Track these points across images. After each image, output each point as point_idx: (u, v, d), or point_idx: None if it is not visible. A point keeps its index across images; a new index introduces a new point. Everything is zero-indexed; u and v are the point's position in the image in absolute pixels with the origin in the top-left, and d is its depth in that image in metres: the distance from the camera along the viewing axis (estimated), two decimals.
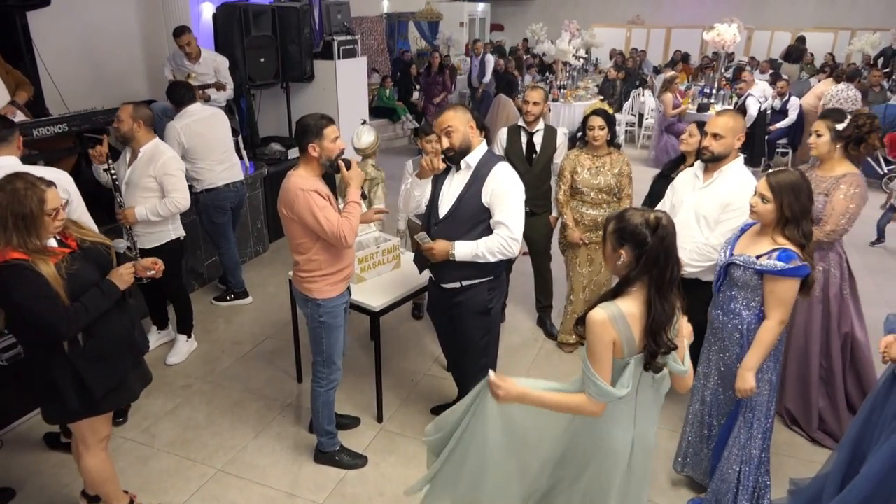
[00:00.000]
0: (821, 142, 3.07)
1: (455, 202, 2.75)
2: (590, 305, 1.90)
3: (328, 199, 2.71)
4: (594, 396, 1.87)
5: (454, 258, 2.71)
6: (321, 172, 2.76)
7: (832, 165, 3.09)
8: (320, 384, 3.01)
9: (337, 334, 2.96)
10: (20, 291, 2.15)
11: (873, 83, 9.36)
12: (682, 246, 3.04)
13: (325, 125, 2.68)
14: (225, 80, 5.47)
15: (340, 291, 2.91)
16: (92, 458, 2.54)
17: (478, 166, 2.72)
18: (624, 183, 3.81)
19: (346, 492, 3.00)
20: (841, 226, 2.98)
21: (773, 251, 2.40)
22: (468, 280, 2.79)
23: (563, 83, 10.75)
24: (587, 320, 1.84)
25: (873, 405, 2.33)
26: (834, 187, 3.00)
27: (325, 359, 2.97)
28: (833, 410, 3.26)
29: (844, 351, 3.20)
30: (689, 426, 2.86)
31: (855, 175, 2.99)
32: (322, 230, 2.65)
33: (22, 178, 2.19)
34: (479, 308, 2.84)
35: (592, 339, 1.83)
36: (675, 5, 16.32)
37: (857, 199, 2.96)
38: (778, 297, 2.41)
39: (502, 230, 2.67)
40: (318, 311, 2.88)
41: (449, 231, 2.75)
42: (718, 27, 9.44)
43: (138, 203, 3.59)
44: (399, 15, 13.63)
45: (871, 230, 6.49)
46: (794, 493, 2.79)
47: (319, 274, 2.82)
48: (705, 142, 3.00)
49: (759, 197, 2.44)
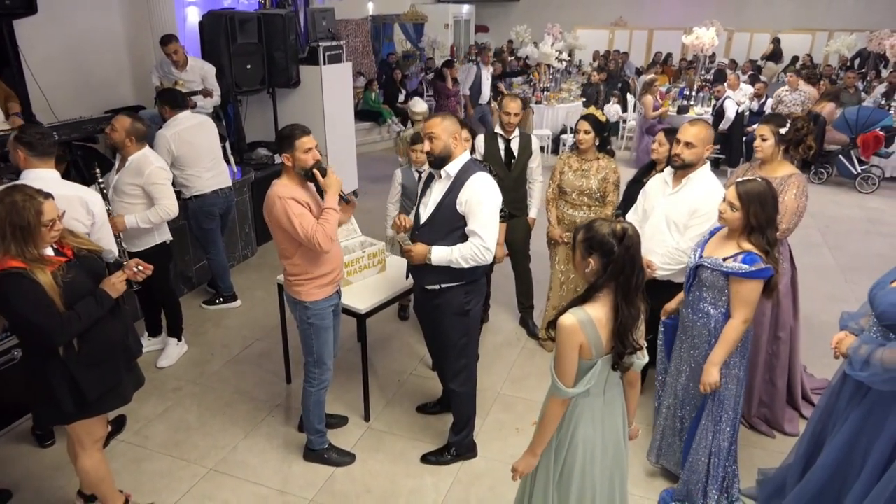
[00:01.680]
0: (766, 145, 3.24)
1: (434, 209, 2.86)
2: (559, 311, 2.04)
3: (307, 206, 2.80)
4: (554, 393, 2.04)
5: (430, 262, 2.82)
6: (302, 182, 2.88)
7: (774, 167, 3.25)
8: (311, 384, 3.11)
9: (326, 336, 3.06)
10: (17, 299, 2.24)
11: (848, 85, 9.60)
12: (653, 250, 3.20)
13: (298, 137, 2.78)
14: (212, 87, 5.54)
15: (328, 294, 3.01)
16: (88, 459, 2.63)
17: (457, 175, 2.81)
18: (608, 189, 3.92)
19: (336, 489, 3.11)
20: (793, 223, 3.14)
21: (738, 254, 2.54)
22: (446, 283, 2.89)
23: (547, 86, 10.89)
24: (557, 325, 1.98)
25: (829, 398, 2.48)
26: (783, 188, 3.14)
27: (316, 359, 3.08)
28: (772, 397, 3.44)
29: (793, 340, 3.40)
30: (664, 419, 3.00)
31: (800, 175, 3.18)
32: (298, 235, 2.76)
33: (20, 191, 2.28)
34: (457, 309, 2.94)
35: (561, 341, 1.97)
36: (657, 7, 16.54)
37: (804, 199, 3.14)
38: (742, 298, 2.55)
39: (475, 239, 2.78)
40: (306, 314, 2.99)
41: (428, 236, 2.87)
42: (697, 31, 9.63)
43: (122, 209, 3.67)
44: (384, 17, 13.70)
45: (846, 229, 6.71)
46: (762, 483, 2.94)
47: (305, 277, 2.93)
48: (677, 149, 3.12)
49: (727, 204, 2.56)
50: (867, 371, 2.15)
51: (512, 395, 3.76)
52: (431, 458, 3.27)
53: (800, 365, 3.56)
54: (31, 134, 2.97)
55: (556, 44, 11.17)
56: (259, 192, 5.84)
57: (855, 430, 2.27)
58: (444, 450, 3.29)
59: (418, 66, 13.27)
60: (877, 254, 6.12)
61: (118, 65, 6.38)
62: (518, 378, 3.98)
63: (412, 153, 4.17)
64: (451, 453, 3.27)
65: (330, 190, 2.84)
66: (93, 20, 6.03)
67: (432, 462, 3.26)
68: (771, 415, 3.46)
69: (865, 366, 2.16)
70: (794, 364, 3.49)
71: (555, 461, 2.15)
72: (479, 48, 14.04)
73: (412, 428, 3.53)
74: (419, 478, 3.17)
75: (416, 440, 3.44)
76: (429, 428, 3.53)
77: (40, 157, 2.98)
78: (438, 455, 3.28)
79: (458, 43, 16.22)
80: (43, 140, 2.97)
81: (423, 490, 3.10)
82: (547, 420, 2.09)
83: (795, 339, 3.46)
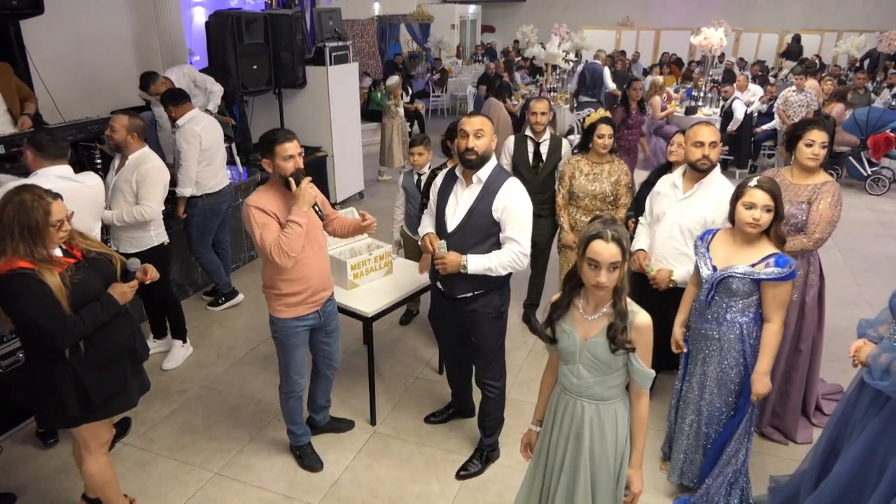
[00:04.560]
0: (824, 153, 3.01)
1: (465, 216, 2.76)
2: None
3: (275, 217, 2.68)
4: (646, 387, 2.09)
5: (465, 270, 2.73)
6: (282, 190, 2.73)
7: (808, 173, 3.10)
8: (281, 390, 3.10)
9: (292, 353, 2.95)
10: (24, 299, 2.22)
11: (857, 85, 9.52)
12: (665, 256, 3.14)
13: (278, 142, 2.64)
14: (210, 91, 5.63)
15: (296, 315, 2.87)
16: (93, 462, 2.61)
17: (488, 181, 2.73)
18: (621, 192, 3.88)
19: (341, 494, 3.08)
20: (827, 233, 3.01)
21: (769, 258, 2.47)
22: (479, 290, 2.82)
23: (554, 86, 10.84)
24: (643, 325, 2.01)
25: (846, 406, 2.43)
26: (816, 196, 3.01)
27: (282, 370, 3.03)
28: (785, 407, 3.37)
29: (815, 352, 3.33)
30: (686, 437, 2.88)
31: (834, 184, 3.03)
32: (256, 246, 2.69)
33: (29, 191, 2.26)
34: (493, 313, 2.88)
35: (649, 339, 2.04)
36: (663, 7, 16.46)
37: (839, 208, 3.01)
38: (780, 301, 2.49)
39: (513, 246, 2.70)
40: (273, 327, 2.93)
41: (458, 244, 2.77)
42: (705, 31, 9.56)
43: (119, 208, 3.66)
44: (390, 17, 13.70)
45: (857, 231, 6.64)
46: (774, 490, 2.89)
47: (274, 292, 2.84)
48: (704, 151, 2.98)
49: (761, 210, 2.45)
50: (888, 380, 2.10)
51: (520, 400, 3.72)
52: (464, 473, 3.18)
53: (818, 376, 3.47)
54: (41, 136, 3.02)
55: (563, 44, 11.12)
56: None
57: (873, 440, 2.22)
58: (475, 458, 3.22)
59: (424, 67, 13.26)
60: (888, 256, 6.06)
61: (124, 65, 6.38)
62: (526, 381, 3.94)
63: (411, 157, 4.16)
64: (481, 460, 3.21)
65: (299, 201, 2.65)
66: (99, 20, 6.03)
67: (468, 476, 3.17)
68: (783, 424, 3.40)
69: (886, 374, 2.11)
70: (813, 376, 3.40)
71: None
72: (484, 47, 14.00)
73: (419, 432, 3.50)
74: (426, 483, 3.14)
75: (422, 445, 3.40)
76: (436, 432, 3.49)
77: (51, 159, 3.01)
78: (471, 466, 3.20)
79: (465, 43, 16.20)
80: (53, 143, 3.03)
81: (430, 495, 3.07)
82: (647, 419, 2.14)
83: (818, 351, 3.36)
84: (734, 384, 2.67)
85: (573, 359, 2.09)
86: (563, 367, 2.15)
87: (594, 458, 2.13)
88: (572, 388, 2.13)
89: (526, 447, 2.40)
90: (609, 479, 2.14)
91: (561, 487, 2.19)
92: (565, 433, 2.17)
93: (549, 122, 4.19)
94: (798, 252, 3.02)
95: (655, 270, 3.15)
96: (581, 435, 2.13)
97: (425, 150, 4.14)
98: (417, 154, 4.12)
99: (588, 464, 2.13)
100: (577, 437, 2.14)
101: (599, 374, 2.07)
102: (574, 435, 2.15)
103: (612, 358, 2.02)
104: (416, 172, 4.18)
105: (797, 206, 3.02)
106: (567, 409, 2.16)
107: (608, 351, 2.00)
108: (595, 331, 2.04)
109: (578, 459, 2.14)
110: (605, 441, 2.11)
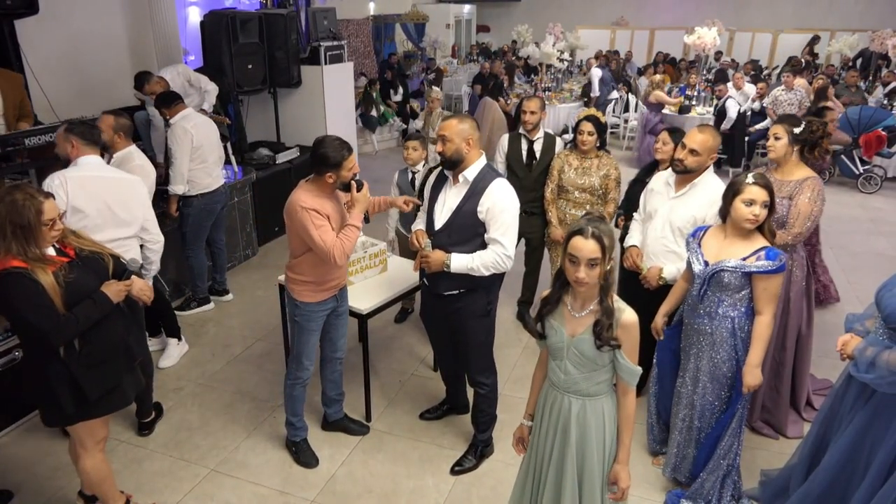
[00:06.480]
0: (779, 144, 3.13)
1: (451, 215, 2.80)
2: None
3: (327, 219, 2.77)
4: (632, 383, 2.08)
5: (449, 269, 2.76)
6: (331, 192, 2.85)
7: (790, 169, 3.16)
8: (288, 377, 3.16)
9: (308, 337, 3.06)
10: (17, 298, 2.23)
11: (849, 84, 9.58)
12: (655, 253, 3.17)
13: (346, 157, 2.74)
14: (205, 91, 5.61)
15: (322, 299, 3.00)
16: (90, 459, 2.62)
17: (475, 181, 2.76)
18: (610, 186, 3.93)
19: (337, 489, 3.10)
20: (806, 228, 3.05)
21: (759, 251, 2.51)
22: (464, 288, 2.85)
23: (548, 86, 10.88)
24: (630, 322, 2.02)
25: (834, 400, 2.47)
26: (797, 191, 3.07)
27: (295, 356, 3.11)
28: (776, 403, 3.40)
29: (799, 347, 3.36)
30: (678, 432, 2.91)
31: (816, 179, 3.09)
32: (315, 246, 2.75)
33: (21, 190, 2.28)
34: (479, 311, 2.91)
35: (636, 335, 2.05)
36: (658, 7, 16.52)
37: (820, 203, 3.06)
38: (771, 294, 2.53)
39: (497, 247, 2.73)
40: (295, 311, 3.02)
41: (444, 242, 2.80)
42: (699, 30, 9.62)
43: None
44: (385, 17, 13.70)
45: (848, 229, 6.70)
46: (765, 484, 2.93)
47: (302, 279, 2.94)
48: (680, 154, 3.03)
49: (760, 206, 2.48)
50: (873, 373, 2.14)
51: (513, 396, 3.75)
52: (459, 468, 3.21)
53: (808, 372, 3.50)
54: (78, 125, 3.20)
55: (558, 43, 11.15)
56: (261, 192, 5.84)
57: (859, 433, 2.25)
58: (470, 454, 3.25)
59: (419, 66, 13.26)
60: (879, 254, 6.11)
61: (119, 64, 6.38)
62: (520, 378, 3.97)
63: (405, 151, 4.18)
64: (475, 456, 3.23)
65: (358, 205, 2.82)
66: (94, 20, 6.04)
67: (462, 471, 3.20)
68: (773, 419, 3.43)
69: (871, 368, 2.15)
70: (803, 371, 3.43)
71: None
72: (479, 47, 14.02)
73: (413, 428, 3.53)
74: (420, 478, 3.16)
75: (417, 440, 3.43)
76: (430, 429, 3.52)
77: (93, 146, 3.17)
78: (465, 461, 3.23)
79: (460, 43, 16.22)
80: (93, 128, 3.26)
81: (425, 490, 3.09)
82: (634, 416, 2.14)
83: (808, 347, 3.39)
84: (727, 378, 2.71)
85: (560, 355, 2.11)
86: (552, 362, 2.18)
87: (581, 453, 2.15)
88: (560, 383, 2.15)
89: (518, 441, 2.43)
90: (596, 474, 2.16)
91: (549, 481, 2.22)
92: (553, 428, 2.20)
93: (539, 122, 4.18)
94: (779, 247, 3.05)
95: (646, 268, 3.18)
96: (568, 430, 2.15)
97: (420, 145, 4.16)
98: (412, 149, 4.14)
99: (575, 459, 2.16)
100: (563, 432, 2.17)
101: (586, 371, 2.09)
102: (561, 430, 2.17)
103: (598, 354, 2.03)
104: (411, 170, 4.20)
105: (779, 202, 3.05)
106: (555, 405, 2.18)
107: (594, 347, 2.02)
108: (582, 328, 2.06)
109: (565, 454, 2.16)
110: (590, 436, 2.13)
